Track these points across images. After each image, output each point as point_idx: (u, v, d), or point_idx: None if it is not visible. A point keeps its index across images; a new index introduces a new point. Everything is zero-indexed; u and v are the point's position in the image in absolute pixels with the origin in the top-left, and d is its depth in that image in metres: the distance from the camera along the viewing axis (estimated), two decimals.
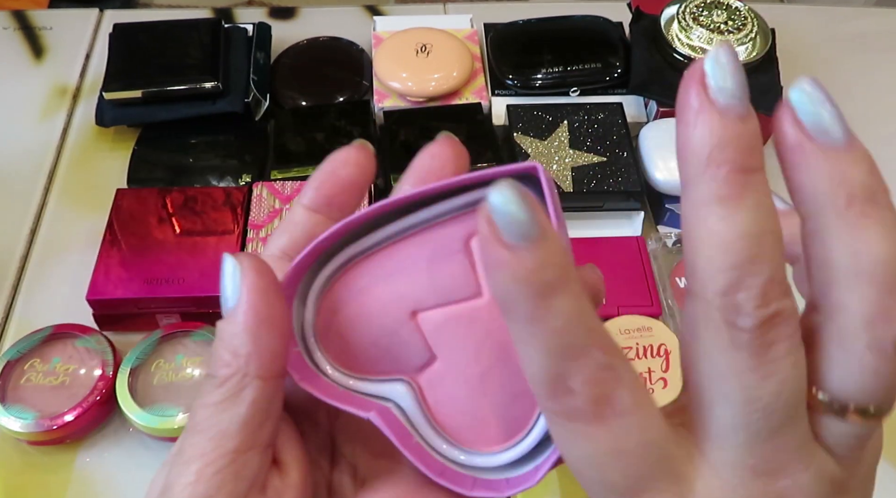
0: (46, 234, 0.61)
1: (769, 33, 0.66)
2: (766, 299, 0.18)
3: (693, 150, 0.18)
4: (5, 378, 0.49)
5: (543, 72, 0.66)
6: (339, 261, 0.23)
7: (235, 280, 0.21)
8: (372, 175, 0.25)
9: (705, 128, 0.18)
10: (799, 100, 0.18)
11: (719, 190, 0.18)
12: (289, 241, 0.25)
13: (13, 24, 0.76)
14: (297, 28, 0.75)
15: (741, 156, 0.18)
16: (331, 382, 0.23)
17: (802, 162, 0.18)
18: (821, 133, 0.18)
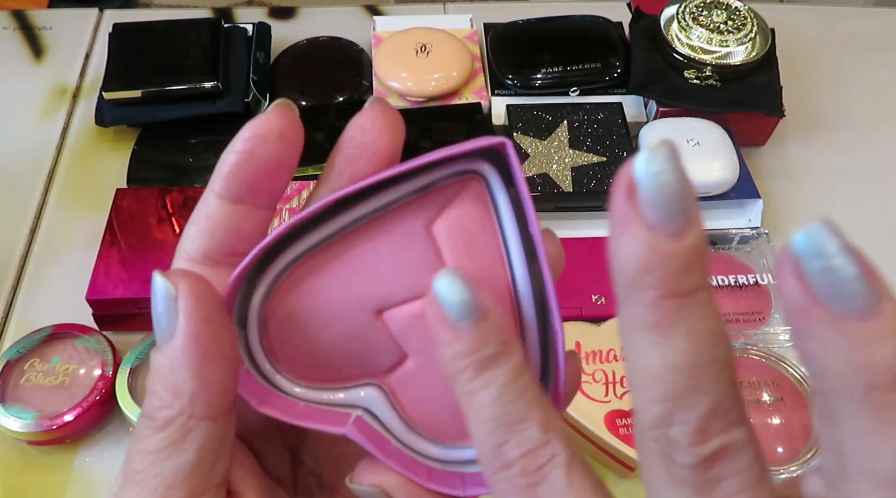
0: (46, 233, 0.61)
1: (769, 33, 0.66)
2: (703, 435, 0.16)
3: (618, 268, 0.16)
4: (5, 378, 0.50)
5: (543, 72, 0.66)
6: (282, 262, 0.20)
7: (170, 305, 0.18)
8: (300, 146, 0.20)
9: (629, 246, 0.15)
10: (805, 248, 0.14)
11: (646, 316, 0.16)
12: (210, 241, 0.20)
13: (13, 23, 0.76)
14: (296, 28, 0.75)
15: (671, 281, 0.15)
16: (291, 398, 0.21)
17: (809, 331, 0.15)
18: (834, 298, 0.14)
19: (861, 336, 0.14)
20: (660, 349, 0.16)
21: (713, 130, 0.62)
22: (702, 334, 0.15)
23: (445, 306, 0.18)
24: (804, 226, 0.15)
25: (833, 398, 0.15)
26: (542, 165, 0.60)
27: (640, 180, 0.15)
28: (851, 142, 0.70)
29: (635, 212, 0.15)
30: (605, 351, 0.50)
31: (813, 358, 0.15)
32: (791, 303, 0.15)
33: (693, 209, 0.15)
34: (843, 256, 0.14)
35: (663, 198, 0.15)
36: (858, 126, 0.71)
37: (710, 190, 0.60)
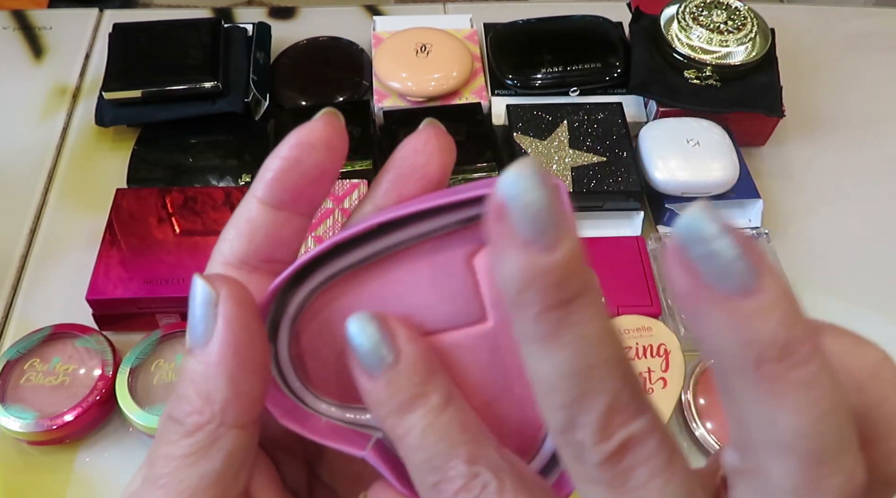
0: (46, 233, 0.61)
1: (769, 33, 0.66)
2: (606, 433, 0.16)
3: (501, 287, 0.16)
4: (5, 378, 0.49)
5: (543, 72, 0.66)
6: (319, 277, 0.20)
7: (209, 309, 0.18)
8: (344, 155, 0.20)
9: (507, 265, 0.16)
10: (688, 234, 0.15)
11: (533, 331, 0.16)
12: (248, 246, 0.20)
13: (13, 23, 0.76)
14: (296, 28, 0.75)
15: (550, 293, 0.15)
16: (314, 413, 0.21)
17: (696, 314, 0.15)
18: (718, 279, 0.15)
19: (745, 313, 0.14)
20: (549, 360, 0.16)
21: (713, 130, 0.62)
22: (587, 339, 0.16)
23: (358, 354, 0.19)
24: (685, 211, 0.15)
25: (729, 375, 0.15)
26: (542, 165, 0.60)
27: (508, 199, 0.16)
28: (851, 142, 0.70)
29: (507, 231, 0.16)
30: None
31: (705, 340, 0.15)
32: (678, 289, 0.15)
33: (563, 219, 0.16)
34: (723, 238, 0.14)
35: (531, 214, 0.15)
36: (858, 126, 0.71)
37: (710, 190, 0.60)
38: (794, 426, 0.15)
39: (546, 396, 0.17)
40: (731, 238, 0.14)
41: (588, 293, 0.16)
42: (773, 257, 0.58)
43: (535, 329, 0.16)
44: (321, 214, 0.56)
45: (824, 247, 0.62)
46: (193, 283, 0.18)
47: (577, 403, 0.16)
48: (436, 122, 0.21)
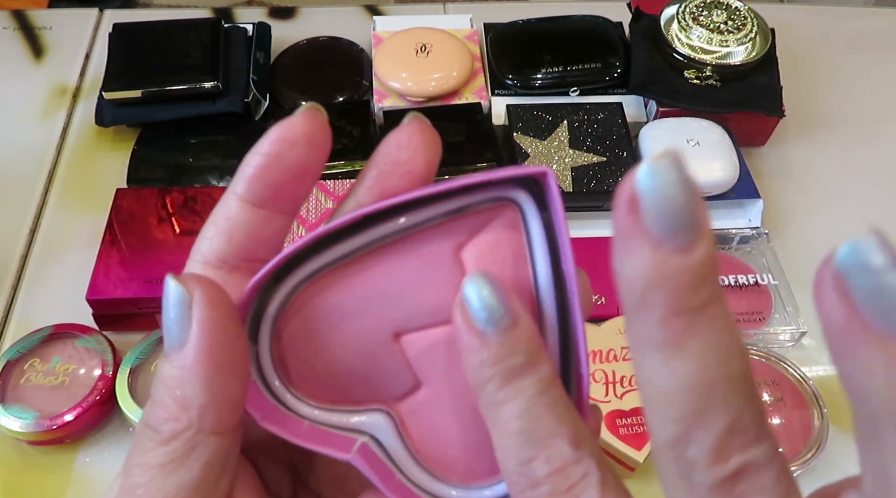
0: (46, 233, 0.61)
1: (769, 33, 0.66)
2: (722, 454, 0.15)
3: (624, 285, 0.15)
4: (5, 378, 0.49)
5: (543, 72, 0.66)
6: (300, 274, 0.20)
7: (183, 311, 0.17)
8: (327, 152, 0.20)
9: (634, 263, 0.15)
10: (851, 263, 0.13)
11: (655, 334, 0.15)
12: (228, 245, 0.19)
13: (13, 23, 0.76)
14: (296, 28, 0.75)
15: (679, 297, 0.15)
16: (296, 416, 0.20)
17: (852, 352, 0.14)
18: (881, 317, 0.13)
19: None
20: (670, 368, 0.15)
21: (713, 130, 0.62)
22: (714, 351, 0.15)
23: (473, 311, 0.18)
24: (850, 240, 0.14)
25: (877, 423, 0.14)
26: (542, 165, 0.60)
27: (643, 193, 0.15)
28: (851, 142, 0.70)
29: (639, 227, 0.15)
30: (605, 351, 0.50)
31: (855, 380, 0.14)
32: (832, 321, 0.14)
33: (702, 221, 0.15)
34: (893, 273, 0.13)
35: (668, 211, 0.14)
36: (858, 126, 0.71)
37: (710, 190, 0.60)
38: None
39: (659, 406, 0.15)
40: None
41: (719, 302, 0.15)
42: (773, 257, 0.58)
43: (657, 334, 0.15)
44: (321, 214, 0.56)
45: (824, 247, 0.61)
46: (165, 284, 0.18)
47: (694, 419, 0.15)
48: (420, 116, 0.20)
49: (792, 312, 0.55)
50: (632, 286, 0.15)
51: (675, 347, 0.15)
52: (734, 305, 0.55)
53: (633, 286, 0.15)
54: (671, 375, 0.15)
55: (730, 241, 0.59)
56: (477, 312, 0.18)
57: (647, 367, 0.15)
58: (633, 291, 0.15)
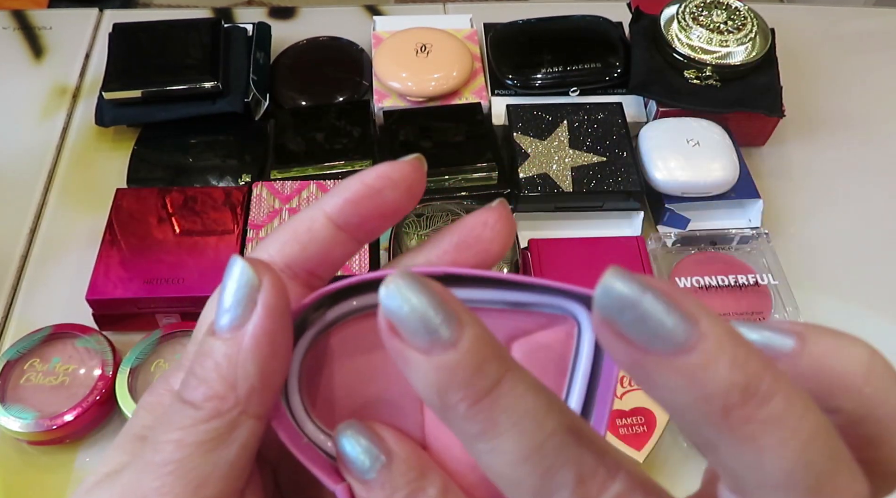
0: (46, 233, 0.61)
1: (769, 33, 0.66)
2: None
3: (425, 400, 0.16)
4: (5, 378, 0.49)
5: (543, 72, 0.66)
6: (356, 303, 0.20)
7: (248, 293, 0.18)
8: (415, 203, 0.20)
9: (418, 377, 0.16)
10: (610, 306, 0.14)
11: (470, 429, 0.15)
12: (300, 254, 0.20)
13: (13, 23, 0.76)
14: (296, 28, 0.75)
15: (471, 387, 0.15)
16: (299, 429, 0.20)
17: (647, 380, 0.15)
18: (656, 341, 0.14)
19: (693, 367, 0.14)
20: (498, 453, 0.15)
21: (713, 130, 0.62)
22: (526, 416, 0.15)
23: (349, 463, 0.19)
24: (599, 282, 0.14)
25: (701, 433, 0.15)
26: (542, 165, 0.60)
27: (392, 316, 0.16)
28: (851, 142, 0.70)
29: (405, 344, 0.15)
30: None
31: (666, 404, 0.15)
32: (622, 361, 0.15)
33: (455, 310, 0.15)
34: (644, 297, 0.14)
35: (417, 320, 0.15)
36: (858, 126, 0.71)
37: (710, 190, 0.60)
38: (782, 466, 0.14)
39: (513, 492, 0.16)
40: (655, 293, 0.14)
41: (511, 371, 0.15)
42: (773, 257, 0.58)
43: (471, 428, 0.15)
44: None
45: (824, 247, 0.62)
46: (233, 263, 0.18)
47: (544, 487, 0.15)
48: (506, 203, 0.21)
49: (792, 312, 0.55)
50: (429, 397, 0.16)
51: (491, 431, 0.15)
52: (734, 305, 0.55)
53: (429, 397, 0.16)
54: (502, 458, 0.15)
55: (730, 241, 0.59)
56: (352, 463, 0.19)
57: (483, 460, 0.16)
58: (432, 401, 0.16)
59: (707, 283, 0.56)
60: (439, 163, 0.59)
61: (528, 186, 0.59)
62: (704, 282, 0.56)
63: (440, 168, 0.59)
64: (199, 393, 0.18)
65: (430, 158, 0.21)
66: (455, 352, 0.15)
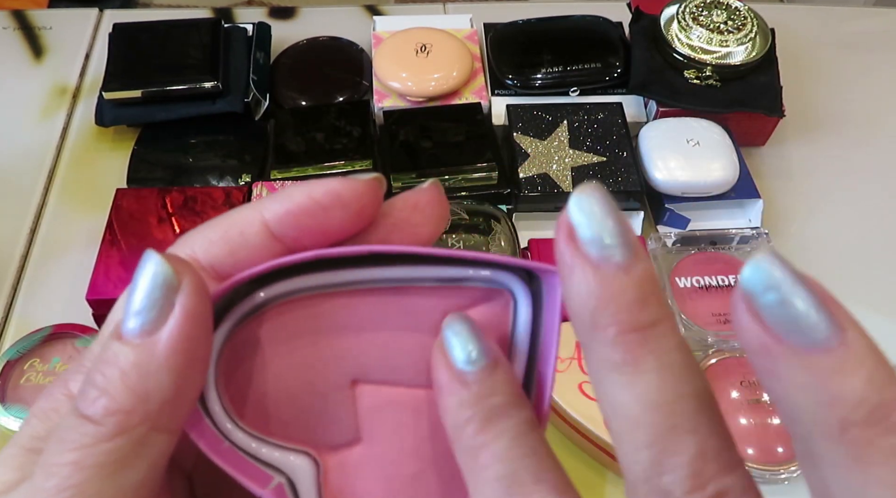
0: (46, 233, 0.61)
1: (769, 33, 0.66)
2: (699, 481, 0.14)
3: (575, 313, 0.15)
4: (5, 378, 0.50)
5: (543, 72, 0.66)
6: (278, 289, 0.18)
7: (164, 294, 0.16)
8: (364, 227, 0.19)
9: (581, 287, 0.15)
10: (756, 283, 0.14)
11: (612, 356, 0.15)
12: (227, 257, 0.18)
13: (13, 23, 0.76)
14: (296, 28, 0.75)
15: (628, 314, 0.15)
16: (219, 432, 0.18)
17: (774, 372, 0.14)
18: (793, 332, 0.13)
19: (826, 370, 0.13)
20: (632, 389, 0.15)
21: (713, 130, 0.62)
22: (672, 367, 0.15)
23: (454, 350, 0.17)
24: (751, 259, 0.14)
25: (810, 440, 0.14)
26: (542, 165, 0.60)
27: (577, 222, 0.15)
28: (851, 142, 0.70)
29: (579, 253, 0.15)
30: None
31: (783, 400, 0.14)
32: (750, 343, 0.14)
33: (635, 242, 0.15)
34: (796, 287, 0.14)
35: (602, 234, 0.15)
36: (858, 126, 0.71)
37: (710, 190, 0.60)
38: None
39: (627, 434, 0.15)
40: (807, 286, 0.14)
41: (668, 321, 0.15)
42: None
43: (612, 354, 0.15)
44: None
45: (824, 247, 0.62)
46: (147, 259, 0.16)
47: (664, 441, 0.14)
48: (439, 185, 0.20)
49: None
50: (582, 311, 0.15)
51: (632, 367, 0.15)
52: None
53: (582, 311, 0.15)
54: (633, 395, 0.15)
55: (730, 241, 0.59)
56: (459, 352, 0.17)
57: (609, 394, 0.15)
58: (583, 316, 0.15)
59: (707, 283, 0.56)
60: (439, 163, 0.59)
61: (528, 186, 0.59)
62: (704, 282, 0.56)
63: (440, 168, 0.59)
64: (100, 406, 0.15)
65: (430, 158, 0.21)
66: (626, 276, 0.15)
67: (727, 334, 0.53)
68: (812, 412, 0.13)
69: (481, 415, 0.17)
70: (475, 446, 0.17)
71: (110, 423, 0.15)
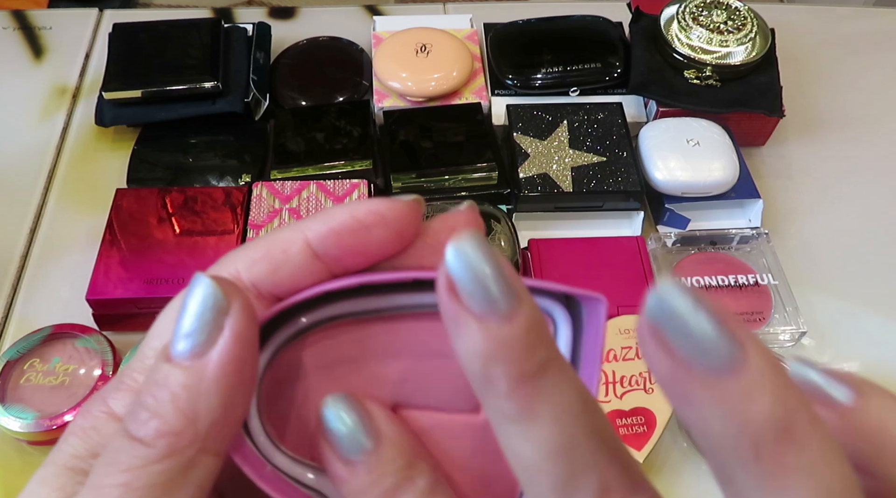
0: (46, 233, 0.61)
1: (769, 33, 0.66)
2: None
3: (466, 368, 0.15)
4: (5, 378, 0.49)
5: (543, 72, 0.66)
6: (321, 314, 0.19)
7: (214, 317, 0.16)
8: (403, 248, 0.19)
9: (466, 341, 0.15)
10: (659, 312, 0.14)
11: (507, 409, 0.15)
12: (270, 276, 0.18)
13: (13, 23, 0.76)
14: (296, 28, 0.75)
15: (517, 365, 0.15)
16: (262, 456, 0.18)
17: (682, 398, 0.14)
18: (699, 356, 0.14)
19: (734, 394, 0.13)
20: (530, 439, 0.15)
21: (713, 130, 0.62)
22: (565, 410, 0.15)
23: (335, 439, 0.17)
24: (653, 289, 0.14)
25: (726, 466, 0.14)
26: (542, 165, 0.60)
27: (455, 276, 0.15)
28: (851, 142, 0.70)
29: (461, 307, 0.15)
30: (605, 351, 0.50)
31: (695, 426, 0.14)
32: (660, 373, 0.14)
33: (517, 286, 0.15)
34: (697, 314, 0.14)
35: (480, 285, 0.15)
36: (858, 126, 0.71)
37: (710, 190, 0.60)
38: None
39: (532, 482, 0.15)
40: (707, 311, 0.14)
41: (557, 362, 0.15)
42: (773, 257, 0.58)
43: (508, 407, 0.15)
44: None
45: (824, 247, 0.62)
46: (197, 282, 0.16)
47: (566, 485, 0.15)
48: (476, 208, 0.20)
49: (792, 312, 0.55)
50: (472, 366, 0.15)
51: (528, 416, 0.15)
52: (734, 305, 0.55)
53: (473, 366, 0.15)
54: (533, 445, 0.15)
55: (730, 241, 0.59)
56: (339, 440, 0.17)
57: (510, 445, 0.15)
58: (475, 371, 0.15)
59: (707, 283, 0.56)
60: (439, 163, 0.59)
61: (528, 186, 0.59)
62: (704, 282, 0.56)
63: (440, 168, 0.59)
64: (151, 428, 0.15)
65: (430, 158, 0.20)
66: (510, 326, 0.15)
67: None
68: (725, 437, 0.14)
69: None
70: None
71: (161, 445, 0.15)
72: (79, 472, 0.17)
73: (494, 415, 0.15)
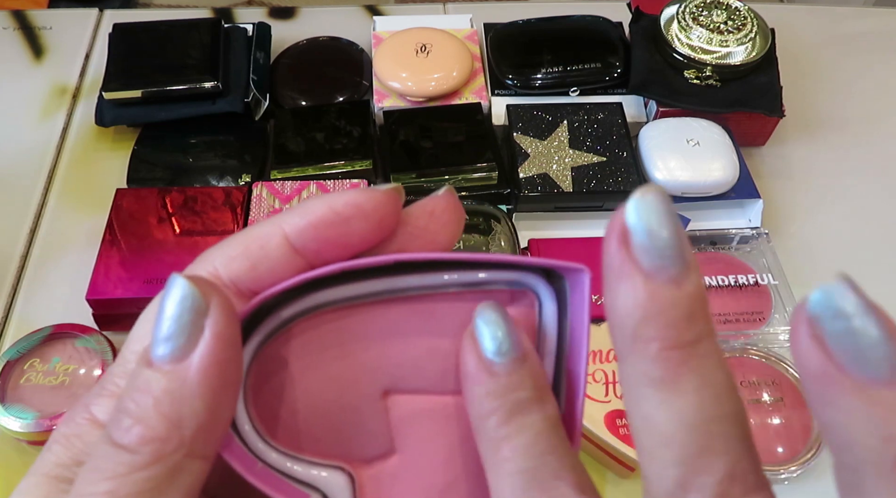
0: (46, 233, 0.61)
1: (769, 33, 0.66)
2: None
3: (617, 321, 0.15)
4: (5, 378, 0.49)
5: (543, 72, 0.66)
6: (305, 303, 0.18)
7: (192, 318, 0.15)
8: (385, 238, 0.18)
9: (628, 296, 0.15)
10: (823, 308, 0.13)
11: (651, 371, 0.15)
12: (248, 273, 0.18)
13: (13, 23, 0.76)
14: (296, 28, 0.75)
15: (674, 330, 0.14)
16: (251, 453, 0.18)
17: (830, 399, 0.14)
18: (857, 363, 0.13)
19: (889, 404, 0.13)
20: (668, 407, 0.14)
21: (713, 130, 0.62)
22: (711, 388, 0.14)
23: (484, 339, 0.17)
24: (822, 285, 0.13)
25: (859, 472, 0.14)
26: (542, 165, 0.60)
27: (633, 227, 0.15)
28: (851, 142, 0.70)
29: (631, 260, 0.15)
30: (605, 351, 0.50)
31: (835, 428, 0.14)
32: (809, 368, 0.14)
33: (690, 255, 0.15)
34: (866, 317, 0.13)
35: (659, 243, 0.14)
36: (858, 126, 0.71)
37: (710, 190, 0.60)
38: None
39: (658, 449, 0.15)
40: (876, 317, 0.13)
41: (711, 339, 0.15)
42: (773, 257, 0.58)
43: (652, 369, 0.14)
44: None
45: (824, 247, 0.62)
46: (173, 283, 0.16)
47: (694, 462, 0.14)
48: (454, 192, 0.20)
49: (792, 312, 0.55)
50: (625, 320, 0.15)
51: (671, 384, 0.14)
52: (734, 305, 0.55)
53: (626, 320, 0.15)
54: (669, 413, 0.14)
55: (730, 241, 0.59)
56: (488, 342, 0.17)
57: (644, 408, 0.15)
58: (626, 326, 0.15)
59: (707, 283, 0.56)
60: (439, 163, 0.59)
61: (528, 186, 0.59)
62: (705, 282, 0.56)
63: (440, 168, 0.59)
64: (135, 435, 0.15)
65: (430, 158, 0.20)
66: (678, 290, 0.14)
67: (727, 334, 0.53)
68: (867, 445, 0.13)
69: (506, 407, 0.17)
70: (497, 438, 0.17)
71: (146, 451, 0.15)
72: (63, 480, 0.16)
73: (632, 375, 0.15)
